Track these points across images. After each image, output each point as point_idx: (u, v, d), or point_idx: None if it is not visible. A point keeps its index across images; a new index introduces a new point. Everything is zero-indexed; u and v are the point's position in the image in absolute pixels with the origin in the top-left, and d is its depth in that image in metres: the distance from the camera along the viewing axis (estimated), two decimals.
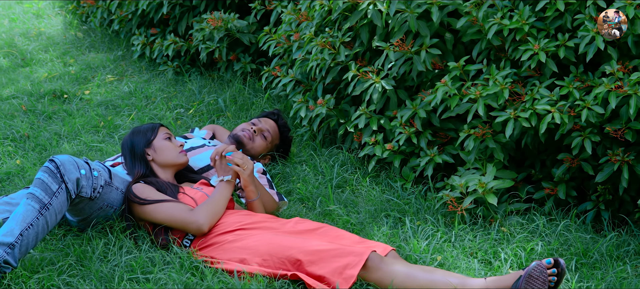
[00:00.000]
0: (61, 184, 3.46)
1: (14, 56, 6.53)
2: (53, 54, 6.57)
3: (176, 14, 6.10)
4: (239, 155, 3.80)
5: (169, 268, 3.42)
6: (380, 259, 3.32)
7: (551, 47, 3.90)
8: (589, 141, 3.77)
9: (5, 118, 5.13)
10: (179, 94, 5.62)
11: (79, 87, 5.80)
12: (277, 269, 3.37)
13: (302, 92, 4.85)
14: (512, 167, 4.17)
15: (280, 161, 4.58)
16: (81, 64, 6.31)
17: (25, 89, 5.69)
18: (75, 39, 7.00)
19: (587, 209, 3.94)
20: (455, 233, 3.73)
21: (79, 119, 5.14)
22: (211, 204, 3.65)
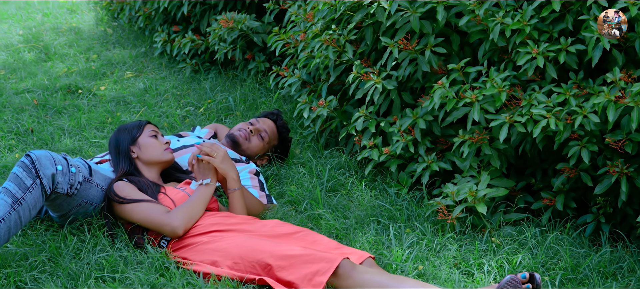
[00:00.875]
0: (36, 180, 3.42)
1: (39, 50, 6.57)
2: (77, 49, 6.59)
3: (197, 12, 6.06)
4: (208, 144, 3.72)
5: (140, 268, 3.35)
6: (352, 267, 3.20)
7: (551, 52, 3.72)
8: (586, 151, 3.58)
9: (14, 112, 5.14)
10: (192, 92, 5.56)
11: (95, 83, 5.79)
12: (247, 273, 3.28)
13: (308, 93, 4.75)
14: (512, 175, 4.01)
15: (278, 162, 4.48)
16: (103, 60, 6.31)
17: (42, 83, 5.70)
18: (104, 34, 7.02)
19: (587, 221, 3.75)
20: (439, 241, 3.58)
21: (88, 115, 5.12)
22: (188, 207, 3.57)
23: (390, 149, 4.11)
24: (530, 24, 3.77)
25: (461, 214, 3.70)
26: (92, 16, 7.62)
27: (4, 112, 5.11)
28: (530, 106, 3.69)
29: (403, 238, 3.64)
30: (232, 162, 3.76)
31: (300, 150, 4.66)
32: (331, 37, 4.39)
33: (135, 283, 3.24)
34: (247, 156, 4.37)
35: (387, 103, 4.30)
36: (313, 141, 4.69)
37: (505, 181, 3.86)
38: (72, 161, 3.57)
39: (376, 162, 4.18)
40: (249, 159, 4.36)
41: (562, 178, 3.75)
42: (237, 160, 4.22)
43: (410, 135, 4.07)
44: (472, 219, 3.73)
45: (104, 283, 3.25)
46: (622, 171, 3.53)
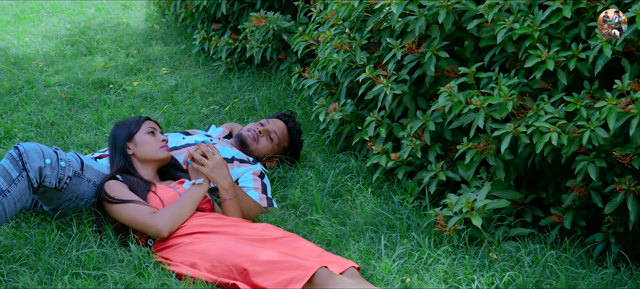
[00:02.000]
0: (22, 172, 3.40)
1: (81, 45, 6.62)
2: (120, 44, 6.62)
3: (235, 10, 6.02)
4: (204, 147, 3.64)
5: (119, 266, 3.30)
6: (330, 276, 3.08)
7: (561, 58, 3.51)
8: (594, 167, 3.37)
9: (40, 104, 5.17)
10: (220, 91, 5.51)
11: (129, 78, 5.79)
12: (224, 277, 3.21)
13: (327, 96, 4.64)
14: (523, 188, 3.81)
15: (288, 164, 4.37)
16: (142, 56, 6.32)
17: (75, 76, 5.73)
18: (150, 31, 7.04)
19: (596, 241, 3.53)
20: (431, 253, 3.42)
21: (111, 110, 5.11)
22: (175, 209, 3.50)
23: (399, 155, 3.96)
24: (540, 29, 3.58)
25: (459, 226, 3.53)
26: (143, 12, 7.65)
27: (30, 104, 5.15)
28: (537, 116, 3.50)
29: (396, 248, 3.49)
30: (225, 170, 3.67)
31: (316, 153, 4.55)
32: (343, 41, 4.27)
33: (109, 281, 3.18)
34: (255, 157, 4.28)
35: (402, 109, 4.15)
36: (329, 145, 4.57)
37: (511, 194, 3.67)
38: (62, 155, 3.54)
39: (384, 168, 4.04)
40: (257, 160, 4.27)
41: (571, 196, 3.54)
42: (243, 161, 4.14)
43: (420, 140, 3.91)
44: (471, 231, 3.56)
45: (78, 280, 3.20)
46: (630, 188, 3.30)
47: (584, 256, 3.46)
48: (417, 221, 3.73)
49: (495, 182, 3.69)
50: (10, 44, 6.69)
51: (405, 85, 4.04)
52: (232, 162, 4.08)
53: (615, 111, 3.24)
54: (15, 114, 4.99)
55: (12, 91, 5.44)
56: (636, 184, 3.30)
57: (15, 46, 6.62)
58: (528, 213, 3.71)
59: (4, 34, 7.02)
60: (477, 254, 3.44)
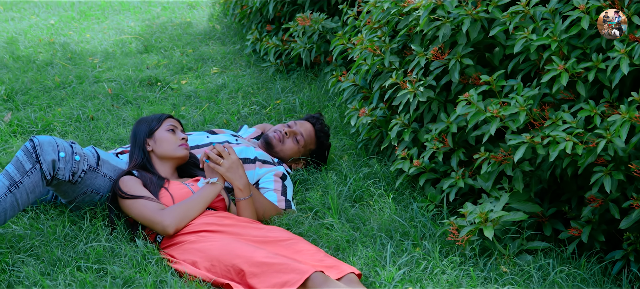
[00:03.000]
0: (35, 164, 3.46)
1: (139, 42, 6.72)
2: (177, 43, 6.70)
3: (285, 12, 6.02)
4: (219, 148, 3.64)
5: (122, 261, 3.32)
6: (324, 280, 3.04)
7: (579, 69, 3.37)
8: (610, 179, 3.22)
9: (85, 99, 5.27)
10: (264, 91, 5.51)
11: (178, 77, 5.85)
12: (222, 277, 3.20)
13: (361, 99, 4.58)
14: (546, 200, 3.68)
15: (314, 167, 4.33)
16: (196, 55, 6.37)
17: (126, 74, 5.82)
18: (210, 30, 7.10)
19: (615, 258, 3.38)
20: (436, 263, 3.33)
21: (153, 107, 5.17)
22: (184, 207, 3.51)
23: (421, 160, 3.88)
24: (559, 39, 3.44)
25: (472, 236, 3.43)
26: (207, 12, 7.73)
27: (75, 99, 5.25)
28: (555, 126, 3.37)
29: (405, 256, 3.41)
30: (241, 170, 3.66)
31: (348, 157, 4.49)
32: (373, 45, 4.20)
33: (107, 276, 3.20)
34: (280, 158, 4.25)
35: (430, 116, 4.07)
36: (361, 149, 4.50)
37: (531, 206, 3.55)
38: (77, 149, 3.59)
39: (407, 174, 3.96)
40: (282, 162, 4.25)
41: (588, 209, 3.40)
42: (266, 161, 4.12)
43: (444, 144, 3.82)
44: (484, 243, 3.45)
45: (79, 273, 3.23)
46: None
47: (599, 273, 3.31)
48: (432, 229, 3.64)
49: (515, 193, 3.57)
50: (71, 40, 6.85)
51: (431, 91, 3.95)
52: (254, 162, 4.06)
53: (628, 123, 3.09)
54: (59, 108, 5.09)
55: (61, 85, 5.56)
56: None
57: (75, 42, 6.77)
58: (548, 226, 3.58)
59: (67, 30, 7.19)
60: (487, 266, 3.33)
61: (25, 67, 5.95)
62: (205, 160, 3.67)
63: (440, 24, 3.85)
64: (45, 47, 6.56)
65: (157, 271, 3.25)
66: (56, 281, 3.15)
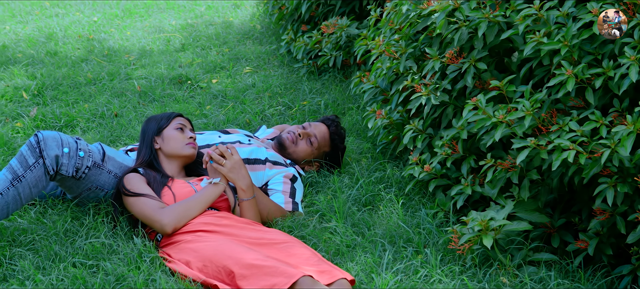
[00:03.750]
0: (38, 159, 3.48)
1: (177, 41, 6.75)
2: (215, 42, 6.71)
3: (319, 13, 5.98)
4: (222, 148, 3.62)
5: (117, 258, 3.32)
6: (312, 285, 3.01)
7: (587, 75, 3.25)
8: (612, 191, 3.10)
9: (112, 96, 5.31)
10: (292, 92, 5.47)
11: (209, 75, 5.85)
12: (213, 278, 3.19)
13: (381, 102, 4.51)
14: (558, 210, 3.56)
15: (326, 170, 4.28)
16: (231, 54, 6.38)
17: (158, 71, 5.85)
18: (250, 30, 7.10)
19: (623, 273, 3.25)
20: (434, 271, 3.24)
21: (178, 106, 5.18)
22: (183, 206, 3.50)
23: (431, 166, 3.80)
24: (571, 44, 3.32)
25: (473, 245, 3.34)
26: (250, 12, 7.73)
27: (103, 96, 5.29)
28: (561, 132, 3.25)
29: (402, 263, 3.33)
30: (243, 171, 3.63)
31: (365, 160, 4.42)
32: (389, 48, 4.13)
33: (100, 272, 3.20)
34: (293, 159, 4.21)
35: (447, 120, 3.98)
36: (379, 153, 4.43)
37: (537, 216, 3.44)
38: (82, 145, 3.60)
39: (417, 180, 3.88)
40: (295, 163, 4.20)
41: (595, 222, 3.28)
42: (277, 163, 4.08)
43: (455, 150, 3.74)
44: (486, 252, 3.35)
45: (73, 268, 3.24)
46: None
47: (605, 287, 3.19)
48: (437, 236, 3.56)
49: (522, 202, 3.46)
50: (111, 37, 6.92)
51: (447, 95, 3.86)
52: (264, 163, 4.03)
53: (633, 134, 2.97)
54: (86, 104, 5.13)
55: (92, 81, 5.61)
56: None
57: (115, 39, 6.83)
58: (556, 238, 3.46)
59: (109, 28, 7.27)
60: (486, 276, 3.24)
61: (60, 63, 6.03)
62: (209, 160, 3.66)
63: (457, 27, 3.76)
64: (83, 43, 6.64)
65: (150, 269, 3.24)
66: (50, 276, 3.16)
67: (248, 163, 4.02)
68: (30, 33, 6.97)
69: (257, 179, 4.01)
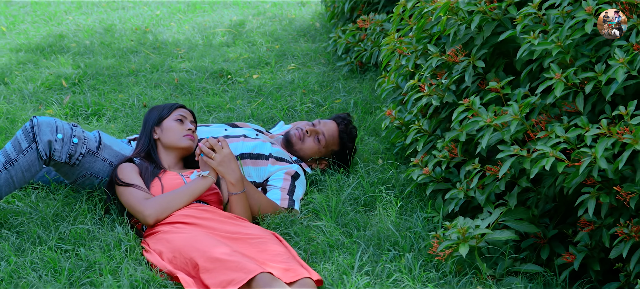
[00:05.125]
0: (31, 144, 3.54)
1: (231, 36, 6.78)
2: (269, 38, 6.71)
3: (365, 11, 5.92)
4: (212, 141, 3.60)
5: (96, 244, 3.34)
6: (270, 282, 2.97)
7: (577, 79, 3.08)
8: (594, 202, 2.93)
9: (148, 87, 5.37)
10: (328, 90, 5.41)
11: (252, 71, 5.86)
12: (180, 269, 3.18)
13: (400, 101, 4.41)
14: (554, 220, 3.39)
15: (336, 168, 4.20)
16: (281, 51, 6.36)
17: (201, 65, 5.88)
18: (308, 28, 7.07)
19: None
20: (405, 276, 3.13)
21: (210, 98, 5.19)
22: (167, 198, 3.49)
23: (430, 169, 3.68)
24: (564, 45, 3.16)
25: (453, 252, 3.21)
26: (314, 11, 7.71)
27: (138, 86, 5.36)
28: (547, 140, 3.09)
29: (377, 267, 3.24)
30: (233, 165, 3.60)
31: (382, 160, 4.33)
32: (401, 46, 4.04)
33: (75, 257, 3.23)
34: (299, 156, 4.15)
35: None
36: (393, 154, 4.33)
37: (526, 225, 3.28)
38: (77, 132, 3.64)
39: (416, 183, 3.77)
40: (302, 160, 4.15)
41: (582, 234, 3.11)
42: (281, 159, 4.03)
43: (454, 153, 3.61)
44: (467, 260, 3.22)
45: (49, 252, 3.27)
46: (630, 232, 2.84)
47: None
48: (426, 241, 3.44)
49: (514, 210, 3.32)
50: (168, 30, 7.01)
51: (453, 95, 3.74)
52: (267, 159, 3.99)
53: (605, 139, 2.79)
54: (120, 94, 5.21)
55: (134, 72, 5.69)
56: (638, 230, 2.83)
57: (171, 33, 6.92)
58: (546, 249, 3.30)
59: (169, 21, 7.37)
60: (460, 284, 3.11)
61: (108, 53, 6.14)
62: (201, 154, 3.64)
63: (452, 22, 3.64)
64: (137, 36, 6.75)
65: (124, 258, 3.25)
66: (24, 259, 3.20)
67: (251, 158, 3.99)
68: (90, 24, 7.14)
69: (259, 174, 3.98)
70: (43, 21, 7.27)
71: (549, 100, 3.13)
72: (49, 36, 6.60)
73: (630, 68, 2.92)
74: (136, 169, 3.65)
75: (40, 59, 5.93)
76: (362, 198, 3.85)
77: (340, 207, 3.73)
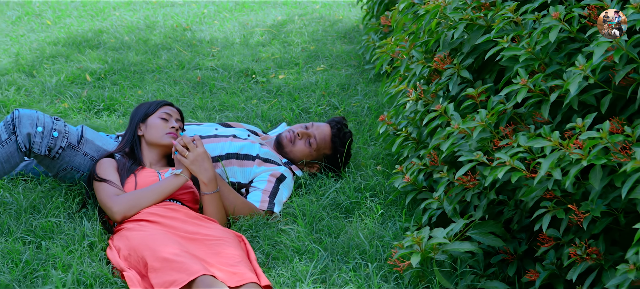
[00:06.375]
0: (11, 136, 3.58)
1: (269, 35, 6.75)
2: (306, 38, 6.65)
3: None
4: (188, 140, 3.56)
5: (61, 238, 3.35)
6: (210, 284, 2.94)
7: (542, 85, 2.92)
8: (549, 217, 2.77)
9: (169, 84, 5.38)
10: (347, 92, 5.32)
11: (279, 71, 5.81)
12: (133, 267, 3.17)
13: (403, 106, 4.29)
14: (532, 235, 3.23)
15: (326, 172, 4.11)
16: (314, 52, 6.29)
17: (229, 63, 5.87)
18: (352, 30, 6.98)
19: None
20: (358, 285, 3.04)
21: (228, 97, 5.17)
22: (136, 195, 3.49)
23: (411, 177, 3.56)
24: (533, 51, 3.00)
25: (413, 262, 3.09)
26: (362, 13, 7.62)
27: (159, 83, 5.38)
28: (510, 148, 2.94)
29: (334, 275, 3.15)
30: (206, 164, 3.56)
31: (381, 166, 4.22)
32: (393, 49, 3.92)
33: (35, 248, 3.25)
34: (289, 159, 4.08)
35: None
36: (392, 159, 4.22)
37: (492, 239, 3.13)
38: (57, 126, 3.66)
39: (398, 191, 3.66)
40: (292, 163, 4.08)
41: (541, 249, 2.94)
42: (269, 160, 3.97)
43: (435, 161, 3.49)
44: (423, 272, 3.10)
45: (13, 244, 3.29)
46: (583, 255, 2.67)
47: None
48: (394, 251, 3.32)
49: (483, 223, 3.17)
50: (210, 28, 7.02)
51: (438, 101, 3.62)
52: (254, 160, 3.93)
53: (556, 152, 2.63)
54: (139, 90, 5.24)
55: (160, 69, 5.72)
56: (591, 252, 2.66)
57: (212, 31, 6.93)
58: (514, 265, 3.14)
59: (214, 20, 7.39)
60: None
61: (142, 49, 6.19)
62: (175, 152, 3.62)
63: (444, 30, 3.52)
64: (176, 33, 6.79)
65: (82, 252, 3.24)
66: None
67: (237, 158, 3.94)
68: (134, 21, 7.22)
69: (245, 175, 3.93)
70: (89, 16, 7.39)
71: (509, 105, 2.98)
72: (89, 31, 6.70)
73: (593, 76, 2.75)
74: (114, 165, 3.65)
75: (74, 53, 6.02)
76: (344, 204, 3.76)
77: (317, 213, 3.64)
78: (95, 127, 4.56)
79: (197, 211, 3.67)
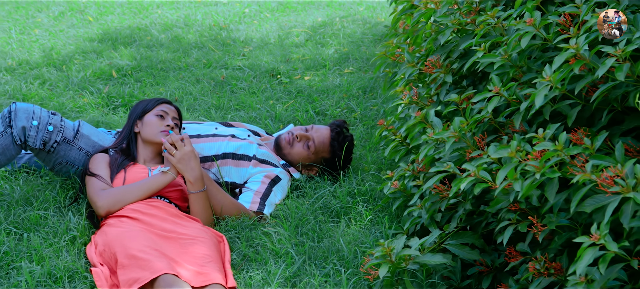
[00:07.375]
0: (7, 128, 3.65)
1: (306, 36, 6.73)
2: (342, 40, 6.61)
3: None
4: (174, 138, 3.57)
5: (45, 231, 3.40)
6: (172, 283, 2.94)
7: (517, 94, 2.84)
8: (511, 229, 2.69)
9: (191, 82, 5.41)
10: (367, 96, 5.26)
11: (305, 72, 5.79)
12: (106, 263, 3.20)
13: None
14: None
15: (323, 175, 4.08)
16: (346, 53, 6.24)
17: (257, 64, 5.88)
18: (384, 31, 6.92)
19: None
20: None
21: (246, 97, 5.17)
22: (121, 191, 3.51)
23: (399, 183, 3.50)
24: (510, 58, 2.91)
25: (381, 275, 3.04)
26: None
27: (181, 80, 5.41)
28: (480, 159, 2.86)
29: (304, 280, 3.11)
30: (193, 163, 3.56)
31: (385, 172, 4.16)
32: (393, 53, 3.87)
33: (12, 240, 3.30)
34: (288, 161, 4.06)
35: None
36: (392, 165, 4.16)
37: (467, 251, 3.05)
38: (53, 120, 3.71)
39: (387, 197, 3.60)
40: (290, 165, 4.05)
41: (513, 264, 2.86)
42: (266, 161, 3.95)
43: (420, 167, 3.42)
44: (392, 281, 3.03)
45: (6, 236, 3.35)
46: (542, 270, 2.59)
47: None
48: None
49: (460, 234, 3.10)
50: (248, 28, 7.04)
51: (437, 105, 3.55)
52: (250, 160, 3.92)
53: (513, 167, 2.55)
54: (161, 87, 5.28)
55: (187, 67, 5.75)
56: (549, 267, 2.57)
57: (249, 31, 6.94)
58: (488, 278, 3.05)
59: (251, 19, 7.40)
60: None
61: (174, 47, 6.24)
62: (164, 150, 3.63)
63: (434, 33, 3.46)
64: (211, 32, 6.82)
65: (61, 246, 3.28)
66: None
67: (234, 158, 3.94)
68: (175, 19, 7.28)
69: (240, 175, 3.92)
70: (132, 14, 7.49)
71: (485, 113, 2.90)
72: (127, 28, 6.79)
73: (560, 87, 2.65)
74: (106, 160, 3.68)
75: (107, 50, 6.11)
76: (335, 208, 3.71)
77: (304, 216, 3.60)
78: (108, 123, 4.61)
79: (186, 209, 3.67)
